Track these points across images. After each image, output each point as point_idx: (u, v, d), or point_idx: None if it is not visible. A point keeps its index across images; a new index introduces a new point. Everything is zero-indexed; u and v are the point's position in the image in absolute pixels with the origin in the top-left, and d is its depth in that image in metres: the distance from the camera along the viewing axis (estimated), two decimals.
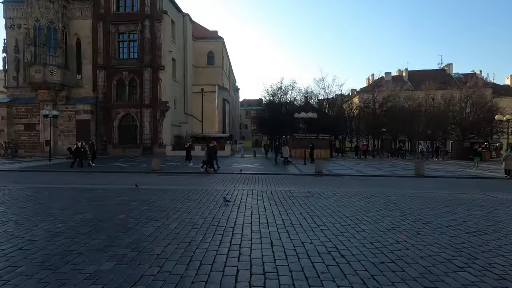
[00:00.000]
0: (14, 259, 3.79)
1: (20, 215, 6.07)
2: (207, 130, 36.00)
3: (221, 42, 43.17)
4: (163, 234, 4.81)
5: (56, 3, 26.48)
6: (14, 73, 28.15)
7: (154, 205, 6.96)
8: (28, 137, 27.99)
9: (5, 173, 15.07)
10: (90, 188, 9.63)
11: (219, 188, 9.62)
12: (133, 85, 28.65)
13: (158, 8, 28.12)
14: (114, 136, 28.54)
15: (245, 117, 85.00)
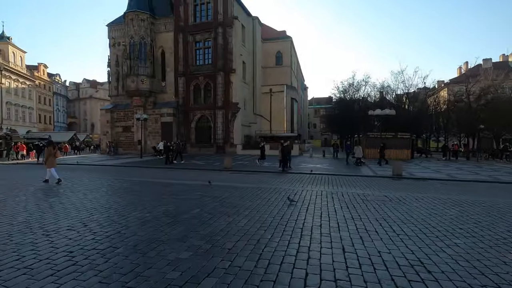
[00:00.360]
0: (114, 241, 4.46)
1: (119, 204, 7.15)
2: (276, 129, 36.43)
3: (289, 41, 43.12)
4: (233, 230, 5.01)
5: (146, 21, 30.53)
6: (115, 84, 33.58)
7: (226, 202, 7.33)
8: (125, 138, 33.02)
9: (109, 167, 18.08)
10: (171, 183, 10.75)
11: (287, 188, 9.58)
12: (208, 88, 30.98)
13: (230, 14, 29.72)
14: (191, 136, 31.37)
15: (313, 116, 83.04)
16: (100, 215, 6.05)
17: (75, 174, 13.95)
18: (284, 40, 43.27)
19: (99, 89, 70.15)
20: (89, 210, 6.49)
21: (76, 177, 12.68)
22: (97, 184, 10.61)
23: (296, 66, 52.34)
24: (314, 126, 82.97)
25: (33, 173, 14.41)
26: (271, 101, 37.21)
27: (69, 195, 8.22)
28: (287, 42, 43.24)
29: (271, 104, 37.22)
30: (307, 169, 15.69)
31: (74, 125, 68.66)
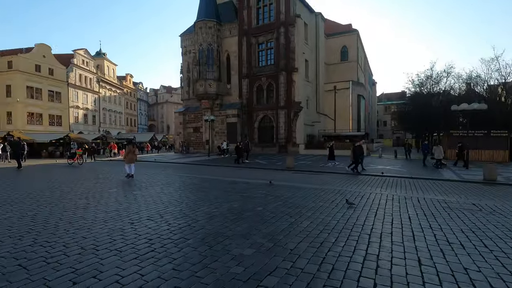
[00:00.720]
0: (185, 233, 4.87)
1: (189, 199, 7.79)
2: (340, 128, 34.82)
3: (355, 35, 40.67)
4: (296, 231, 4.95)
5: (213, 28, 32.53)
6: (186, 89, 36.69)
7: (288, 202, 7.30)
8: (195, 138, 35.81)
9: (181, 165, 19.86)
10: (236, 181, 11.22)
11: (353, 190, 9.05)
12: (270, 89, 31.38)
13: (292, 13, 29.53)
14: (254, 136, 32.23)
15: (383, 113, 76.64)
16: (174, 208, 6.68)
17: (154, 170, 15.73)
18: (349, 34, 41.01)
19: (173, 94, 77.74)
20: (165, 203, 7.22)
21: (155, 173, 14.28)
22: (171, 179, 11.76)
23: (363, 61, 49.04)
24: (384, 124, 76.52)
25: (122, 169, 16.74)
26: (335, 98, 35.70)
27: (149, 189, 9.30)
28: (353, 36, 40.87)
29: (336, 102, 35.69)
30: (376, 170, 14.55)
31: (153, 127, 77.54)
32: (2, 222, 5.51)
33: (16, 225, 5.28)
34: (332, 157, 17.33)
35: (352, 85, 35.76)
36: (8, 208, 6.67)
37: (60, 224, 5.37)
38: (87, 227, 5.14)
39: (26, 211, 6.37)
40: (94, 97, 47.25)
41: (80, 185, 10.13)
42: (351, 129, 34.90)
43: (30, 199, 7.72)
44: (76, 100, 42.75)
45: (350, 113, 35.47)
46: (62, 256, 3.86)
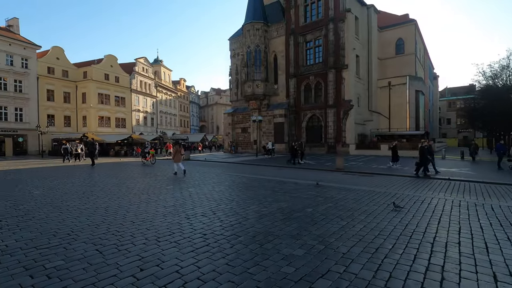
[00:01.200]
0: (236, 230, 5.04)
1: (239, 197, 8.02)
2: (396, 127, 32.41)
3: (413, 25, 37.45)
4: (348, 234, 4.77)
5: (261, 30, 32.95)
6: (235, 90, 37.78)
7: (339, 204, 7.06)
8: (243, 138, 36.68)
9: (230, 164, 20.52)
10: (284, 181, 11.21)
11: (411, 194, 8.37)
12: (319, 87, 30.61)
13: (342, 8, 28.39)
14: (302, 135, 31.75)
15: (447, 109, 69.28)
16: (225, 205, 6.95)
17: (205, 169, 16.55)
18: (406, 25, 37.89)
19: (223, 96, 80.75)
20: (217, 200, 7.56)
21: (206, 171, 15.02)
22: (221, 178, 12.25)
23: (423, 53, 44.87)
24: (447, 122, 69.03)
25: None
26: (390, 95, 33.34)
27: (202, 187, 9.83)
28: (410, 26, 37.68)
29: (390, 98, 33.31)
30: (439, 173, 13.20)
31: (204, 128, 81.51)
32: (82, 212, 6.36)
33: (93, 216, 6.05)
34: (396, 158, 16.10)
35: (410, 80, 32.96)
36: (86, 200, 7.67)
37: (127, 216, 5.99)
38: (149, 220, 5.65)
39: (100, 203, 7.25)
40: (152, 101, 51.49)
41: (142, 182, 11.16)
42: (408, 127, 32.21)
43: (102, 193, 8.76)
44: (137, 104, 47.12)
45: (407, 110, 32.73)
46: (130, 245, 4.31)
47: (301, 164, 18.11)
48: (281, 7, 34.78)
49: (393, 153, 16.17)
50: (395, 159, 16.03)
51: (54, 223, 5.48)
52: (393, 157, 16.11)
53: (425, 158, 12.12)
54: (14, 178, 12.29)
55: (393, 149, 16.32)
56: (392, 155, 16.18)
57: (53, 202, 7.42)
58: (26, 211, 6.43)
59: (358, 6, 31.60)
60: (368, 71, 33.15)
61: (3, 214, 6.16)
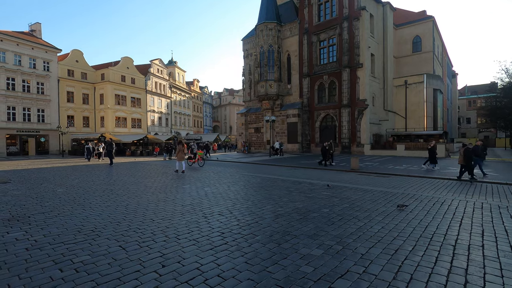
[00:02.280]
0: (254, 229, 5.10)
1: (255, 197, 8.08)
2: (413, 127, 31.65)
3: (431, 22, 36.43)
4: (366, 235, 4.73)
5: (274, 30, 32.92)
6: (248, 90, 37.92)
7: (356, 204, 6.99)
8: (256, 138, 36.76)
9: (244, 165, 20.62)
10: (299, 181, 11.18)
11: (430, 195, 8.17)
12: (333, 87, 30.29)
13: (356, 6, 27.98)
14: (316, 135, 31.51)
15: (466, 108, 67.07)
16: (241, 205, 7.02)
17: (220, 168, 16.71)
18: (423, 21, 36.90)
19: (236, 96, 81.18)
20: (233, 200, 7.64)
21: (221, 171, 15.16)
22: (236, 178, 12.35)
23: (441, 51, 43.56)
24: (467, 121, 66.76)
25: (193, 166, 18.22)
26: (406, 94, 32.58)
27: (217, 186, 9.95)
28: (427, 23, 36.67)
29: (407, 97, 32.55)
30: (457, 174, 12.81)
31: (217, 128, 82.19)
32: (104, 210, 6.59)
33: (114, 213, 6.25)
34: (433, 160, 14.95)
35: (427, 79, 32.08)
36: (107, 198, 7.93)
37: (147, 214, 6.16)
38: (168, 218, 5.79)
39: (120, 201, 7.48)
40: (167, 101, 52.38)
41: (159, 181, 11.41)
42: (426, 127, 31.37)
43: (122, 191, 9.02)
44: (152, 105, 48.07)
45: (425, 109, 31.87)
46: (151, 242, 4.45)
47: (332, 166, 16.98)
48: (294, 7, 34.64)
49: (431, 155, 15.07)
50: (433, 160, 14.96)
51: (78, 220, 5.71)
52: (431, 159, 15.04)
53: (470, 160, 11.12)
54: (38, 177, 12.83)
55: (430, 150, 15.13)
56: (430, 156, 15.10)
57: (76, 199, 7.72)
58: (52, 208, 6.72)
59: (373, 3, 31.06)
60: (383, 70, 32.52)
61: (31, 211, 6.46)
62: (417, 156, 23.14)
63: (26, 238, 4.67)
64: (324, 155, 17.47)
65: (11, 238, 4.65)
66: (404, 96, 32.71)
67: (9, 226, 5.31)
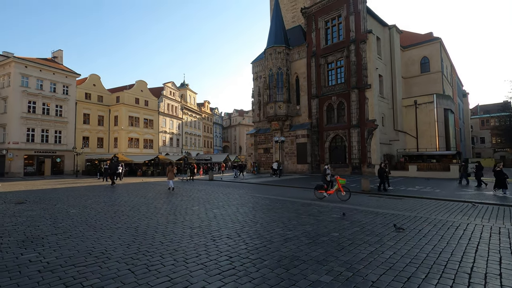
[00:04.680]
0: (262, 253, 5.06)
1: (263, 219, 8.02)
2: (424, 147, 31.13)
3: (438, 43, 36.80)
4: (377, 261, 4.62)
5: (282, 53, 33.87)
6: (257, 111, 38.48)
7: (366, 228, 6.85)
8: (265, 158, 36.77)
9: (253, 185, 20.57)
10: (308, 203, 11.05)
11: (444, 219, 7.93)
12: (341, 107, 30.46)
13: (363, 29, 28.68)
14: (325, 156, 31.32)
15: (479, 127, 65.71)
16: (250, 228, 6.99)
17: (229, 189, 16.71)
18: (430, 43, 37.31)
19: (245, 117, 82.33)
20: (241, 222, 7.62)
21: (230, 192, 15.16)
22: (245, 199, 12.31)
23: (450, 71, 43.57)
24: (481, 141, 65.17)
25: (203, 187, 18.30)
26: (416, 114, 32.37)
27: (226, 208, 9.94)
28: (434, 44, 37.04)
29: (417, 117, 32.30)
30: (474, 196, 12.41)
31: (227, 148, 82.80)
32: (115, 231, 6.68)
33: (124, 235, 6.33)
34: (502, 184, 12.73)
35: (437, 99, 31.92)
36: (118, 219, 8.04)
37: (156, 236, 6.20)
38: (177, 241, 5.82)
39: (130, 223, 7.56)
40: (178, 122, 53.54)
41: (168, 202, 11.49)
42: (438, 147, 30.79)
43: (132, 212, 9.13)
44: (164, 126, 49.19)
45: (436, 129, 31.45)
46: (159, 265, 4.47)
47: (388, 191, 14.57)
48: (302, 31, 35.76)
49: (498, 178, 12.89)
50: (501, 184, 12.77)
51: (90, 242, 5.80)
52: (499, 183, 12.87)
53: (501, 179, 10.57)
54: (52, 197, 13.13)
55: (498, 173, 12.90)
56: (497, 179, 12.93)
57: (88, 220, 7.85)
58: (65, 229, 6.86)
59: (379, 26, 31.81)
60: (392, 90, 32.64)
61: (45, 232, 6.61)
62: (431, 177, 22.57)
63: (39, 260, 4.77)
64: (382, 177, 14.94)
65: (25, 260, 4.76)
66: (414, 116, 32.48)
67: (23, 248, 5.44)
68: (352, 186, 17.50)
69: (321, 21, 32.47)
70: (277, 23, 35.00)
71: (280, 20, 35.38)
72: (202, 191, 15.98)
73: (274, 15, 35.71)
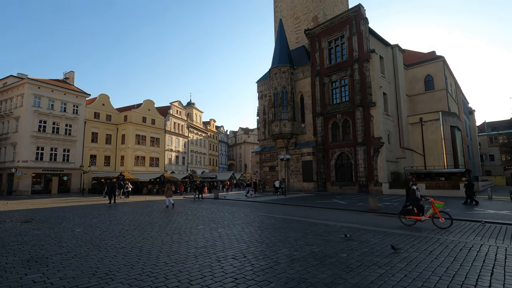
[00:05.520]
0: (268, 275, 4.93)
1: (270, 239, 7.87)
2: (432, 164, 30.67)
3: (441, 61, 37.16)
4: (387, 284, 4.46)
5: (287, 72, 34.53)
6: (262, 129, 38.72)
7: (375, 249, 6.66)
8: (271, 176, 36.55)
9: (259, 204, 20.33)
10: (315, 222, 10.85)
11: (456, 240, 7.69)
12: (346, 125, 30.50)
13: (366, 49, 29.22)
14: (331, 174, 31.02)
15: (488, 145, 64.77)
16: (255, 248, 6.86)
17: (234, 208, 16.53)
18: (433, 61, 37.68)
19: (250, 135, 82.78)
20: (246, 242, 7.49)
21: (235, 211, 14.99)
22: (250, 219, 12.15)
23: (454, 88, 43.68)
24: (490, 158, 64.00)
25: (208, 206, 18.16)
26: (422, 132, 32.16)
27: (231, 227, 9.81)
28: (437, 63, 37.40)
29: (423, 135, 32.07)
30: (487, 216, 12.04)
31: (232, 166, 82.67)
32: (119, 251, 6.61)
33: (128, 255, 6.26)
34: None
35: (443, 116, 31.79)
36: (122, 239, 7.97)
37: (160, 256, 6.12)
38: (181, 262, 5.72)
39: (135, 242, 7.49)
40: (184, 141, 54.03)
41: (173, 221, 11.40)
42: (446, 165, 30.30)
43: (137, 231, 9.06)
44: (170, 144, 49.63)
45: (443, 146, 31.08)
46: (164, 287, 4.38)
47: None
48: (306, 51, 36.58)
49: None
50: None
51: (94, 262, 5.74)
52: None
53: None
54: (58, 216, 13.14)
55: None
56: None
57: (93, 240, 7.81)
58: (69, 249, 6.81)
59: (382, 46, 32.40)
60: (397, 108, 32.70)
61: (49, 252, 6.58)
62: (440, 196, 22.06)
63: (42, 280, 4.73)
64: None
65: (29, 281, 4.72)
66: (421, 133, 32.26)
67: (28, 268, 5.41)
68: (359, 205, 17.17)
69: (325, 42, 33.25)
70: (281, 44, 35.96)
71: (284, 41, 36.37)
72: (207, 209, 15.85)
73: (279, 36, 36.75)
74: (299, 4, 41.01)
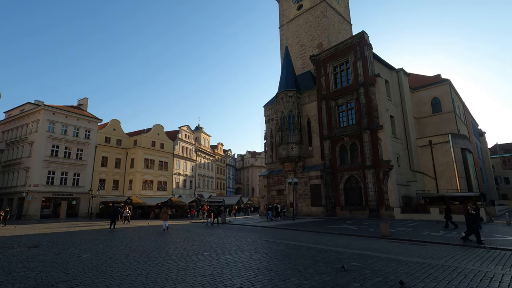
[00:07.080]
0: None
1: (278, 267, 7.63)
2: (444, 187, 29.84)
3: (447, 84, 37.37)
4: None
5: (293, 97, 35.12)
6: (270, 153, 38.76)
7: (389, 278, 6.37)
8: (279, 200, 35.98)
9: (267, 229, 19.89)
10: (324, 249, 10.51)
11: (476, 269, 7.31)
12: (354, 148, 30.32)
13: (371, 73, 29.72)
14: (340, 198, 30.40)
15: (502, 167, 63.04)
16: (264, 276, 6.64)
17: (242, 234, 16.20)
18: (439, 84, 37.92)
19: (258, 158, 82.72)
20: (255, 270, 7.27)
21: (243, 237, 14.68)
22: (258, 245, 11.85)
23: (462, 111, 43.47)
24: (506, 181, 61.98)
25: (215, 231, 17.85)
26: (432, 154, 31.66)
27: (239, 254, 9.57)
28: (444, 86, 37.59)
29: (433, 158, 31.53)
30: (507, 243, 11.47)
31: (240, 190, 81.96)
32: (125, 279, 6.49)
33: (134, 283, 6.13)
34: None
35: (452, 138, 31.38)
36: (128, 265, 7.85)
37: (167, 285, 5.97)
38: None
39: (140, 269, 7.36)
40: (192, 164, 54.29)
41: (180, 247, 11.20)
42: (459, 189, 29.41)
43: (143, 258, 8.92)
44: (178, 168, 49.90)
45: (455, 169, 30.36)
46: None
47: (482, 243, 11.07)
48: (312, 76, 37.40)
49: None
50: None
51: None
52: None
53: None
54: (66, 241, 13.09)
55: None
56: None
57: (99, 266, 7.71)
58: (75, 276, 6.73)
59: (386, 70, 32.92)
60: (405, 131, 32.53)
61: (55, 279, 6.51)
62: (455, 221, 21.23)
63: None
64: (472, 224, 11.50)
65: None
66: (431, 156, 31.74)
67: None
68: (370, 230, 16.63)
69: (330, 67, 34.03)
70: (287, 69, 36.95)
71: (290, 67, 37.38)
72: (214, 235, 15.57)
73: (285, 62, 37.85)
74: (304, 32, 42.58)
